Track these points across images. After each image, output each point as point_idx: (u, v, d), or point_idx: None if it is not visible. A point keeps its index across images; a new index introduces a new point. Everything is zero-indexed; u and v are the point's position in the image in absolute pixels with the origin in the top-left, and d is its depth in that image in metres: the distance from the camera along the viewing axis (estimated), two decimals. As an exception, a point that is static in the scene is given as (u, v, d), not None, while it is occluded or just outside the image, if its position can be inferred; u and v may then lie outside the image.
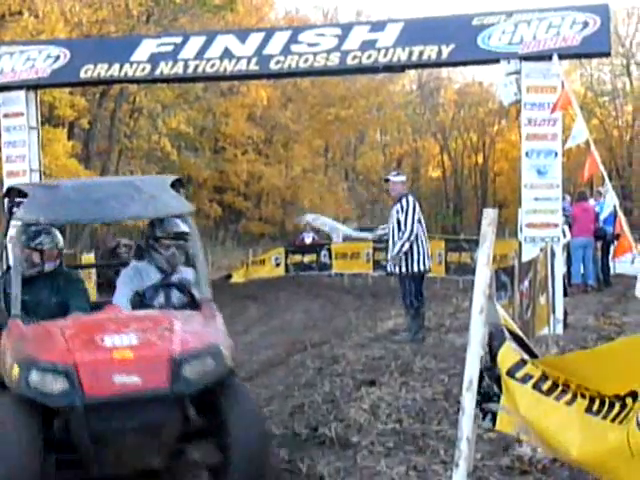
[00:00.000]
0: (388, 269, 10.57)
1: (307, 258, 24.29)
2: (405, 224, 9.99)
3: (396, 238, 10.06)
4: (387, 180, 10.83)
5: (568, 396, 3.53)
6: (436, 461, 5.26)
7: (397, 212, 10.10)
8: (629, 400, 3.31)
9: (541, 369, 3.62)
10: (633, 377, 3.26)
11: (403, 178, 10.92)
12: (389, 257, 10.30)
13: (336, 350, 9.95)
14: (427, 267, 10.29)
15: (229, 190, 38.82)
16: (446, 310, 13.08)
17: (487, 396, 3.88)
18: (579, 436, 3.46)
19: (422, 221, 10.30)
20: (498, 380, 3.87)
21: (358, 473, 5.16)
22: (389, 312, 13.43)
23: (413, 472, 5.11)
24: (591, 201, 16.02)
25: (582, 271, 15.22)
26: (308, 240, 26.97)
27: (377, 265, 22.49)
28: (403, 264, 10.08)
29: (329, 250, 24.47)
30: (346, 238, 25.39)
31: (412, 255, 10.07)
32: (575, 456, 3.47)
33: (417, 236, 10.10)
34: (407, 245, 9.99)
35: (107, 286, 8.62)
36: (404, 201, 10.10)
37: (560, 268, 10.30)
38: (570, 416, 3.52)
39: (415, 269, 10.12)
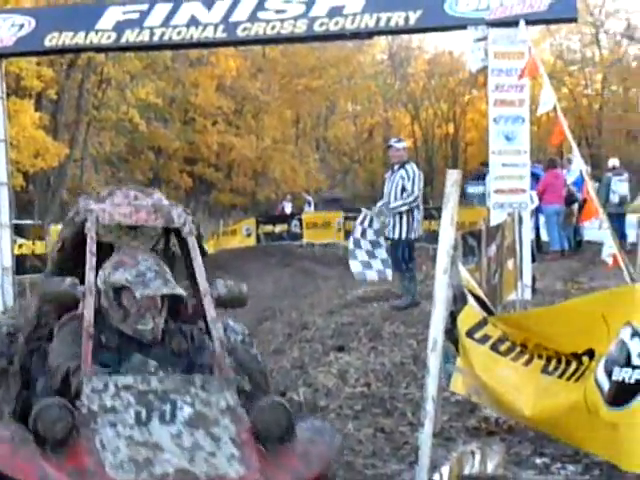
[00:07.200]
0: (387, 234, 10.38)
1: (278, 228, 24.31)
2: (411, 190, 9.83)
3: (397, 199, 9.94)
4: (389, 146, 10.60)
5: (525, 357, 3.58)
6: (403, 423, 5.32)
7: (402, 178, 9.91)
8: (585, 359, 3.35)
9: (500, 330, 3.65)
10: (591, 335, 3.30)
11: (405, 144, 10.83)
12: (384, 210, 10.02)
13: (305, 317, 9.99)
14: (419, 235, 10.32)
15: (200, 161, 38.51)
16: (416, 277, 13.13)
17: (445, 357, 3.92)
18: (533, 395, 3.51)
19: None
20: (456, 342, 3.91)
21: (326, 436, 5.18)
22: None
23: (380, 434, 5.15)
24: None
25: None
26: (288, 209, 26.96)
27: (348, 234, 22.53)
28: (404, 230, 9.94)
29: (300, 220, 24.48)
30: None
31: (412, 222, 9.97)
32: (529, 415, 3.52)
33: (417, 205, 10.10)
34: (405, 208, 9.85)
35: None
36: (409, 168, 9.96)
37: (528, 234, 10.37)
38: (526, 376, 3.56)
39: (412, 236, 10.02)
